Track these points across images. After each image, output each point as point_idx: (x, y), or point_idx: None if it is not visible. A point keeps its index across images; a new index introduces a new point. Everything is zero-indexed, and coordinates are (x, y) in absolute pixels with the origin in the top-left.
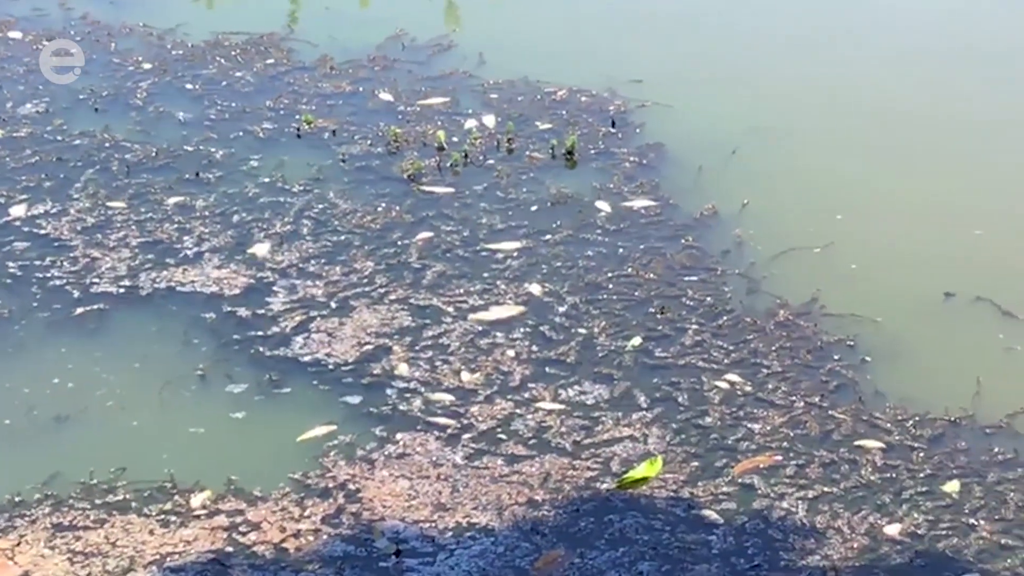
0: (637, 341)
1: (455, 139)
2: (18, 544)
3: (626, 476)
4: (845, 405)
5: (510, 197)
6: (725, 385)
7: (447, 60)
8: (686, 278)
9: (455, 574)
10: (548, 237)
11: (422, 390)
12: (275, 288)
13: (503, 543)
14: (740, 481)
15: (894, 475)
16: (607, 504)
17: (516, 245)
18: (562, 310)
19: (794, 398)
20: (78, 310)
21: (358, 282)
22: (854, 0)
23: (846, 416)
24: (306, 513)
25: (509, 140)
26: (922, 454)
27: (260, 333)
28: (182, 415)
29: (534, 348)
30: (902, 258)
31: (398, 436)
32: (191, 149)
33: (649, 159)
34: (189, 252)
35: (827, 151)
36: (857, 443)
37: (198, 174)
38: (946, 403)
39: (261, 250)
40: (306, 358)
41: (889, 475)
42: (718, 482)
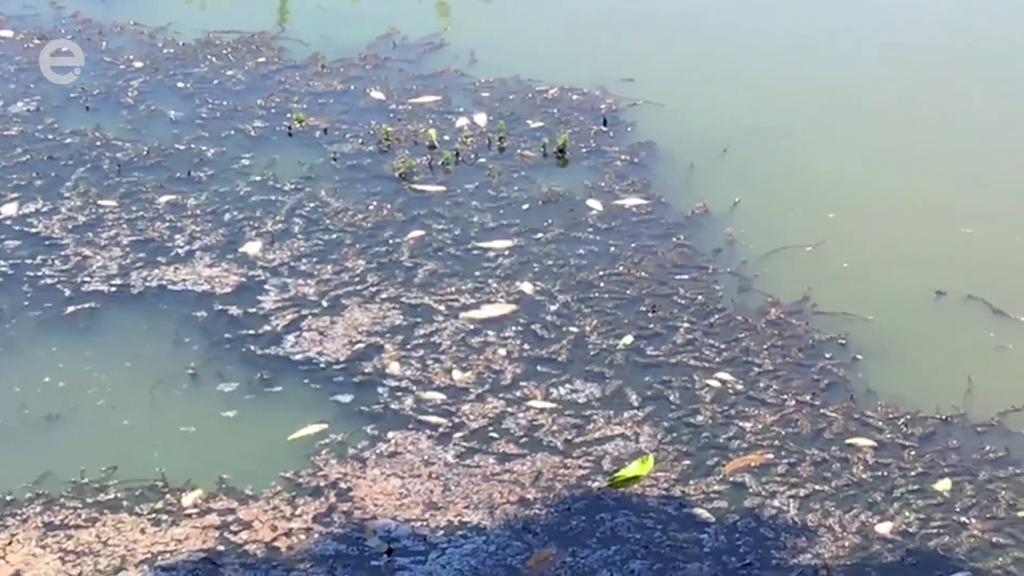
0: (629, 340)
1: (446, 137)
2: (9, 543)
3: (617, 475)
4: (836, 403)
5: (501, 195)
6: (716, 384)
7: (438, 58)
8: (677, 276)
9: (447, 573)
10: (539, 235)
11: (413, 389)
12: (266, 287)
13: (495, 542)
14: (731, 479)
15: (885, 473)
16: (599, 502)
17: (507, 243)
18: (553, 308)
19: (785, 396)
20: (69, 309)
21: (349, 281)
22: None
23: (837, 414)
24: (297, 512)
25: (500, 139)
26: (913, 452)
27: (251, 332)
28: (173, 414)
29: (525, 346)
30: (894, 257)
31: (389, 435)
32: (182, 148)
33: (640, 157)
34: (180, 251)
35: (819, 150)
36: (848, 441)
37: (189, 173)
38: (937, 401)
39: (252, 249)
40: (297, 357)
41: (880, 473)
42: (709, 480)
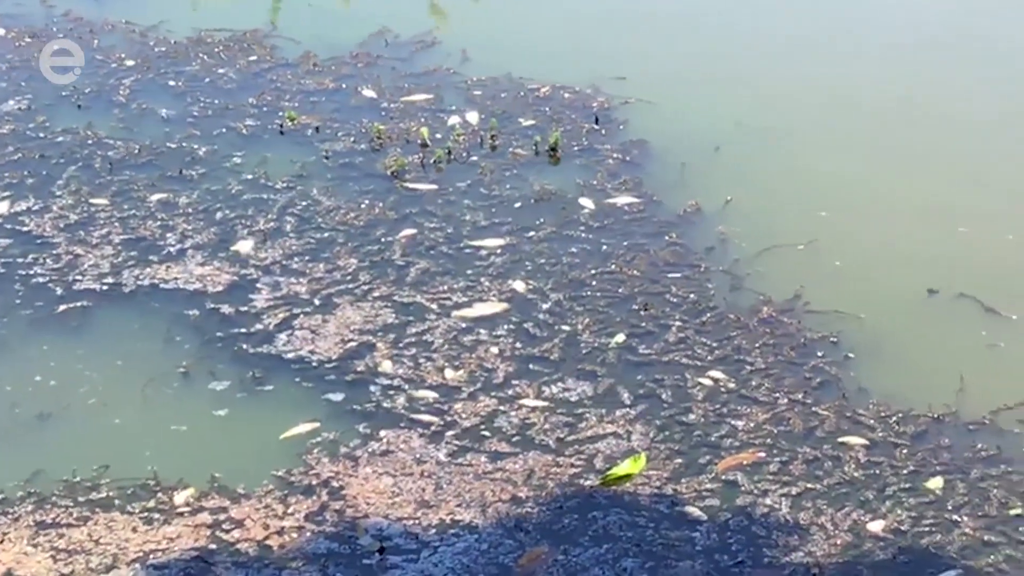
0: (621, 338)
1: (438, 136)
2: (1, 542)
3: (610, 473)
4: (828, 402)
5: (494, 194)
6: (709, 382)
7: (430, 57)
8: (670, 275)
9: (439, 571)
10: (532, 234)
11: (406, 387)
12: (258, 285)
13: (487, 540)
14: (724, 478)
15: (877, 472)
16: (591, 501)
17: (500, 242)
18: (546, 307)
19: (777, 395)
20: (61, 307)
21: (341, 279)
22: None
23: (829, 413)
24: (290, 510)
25: (492, 137)
26: (905, 451)
27: (243, 330)
28: (165, 412)
29: (518, 345)
30: (886, 255)
31: (382, 433)
32: (174, 146)
33: (632, 156)
34: (172, 249)
35: (811, 148)
36: (840, 440)
37: (181, 171)
38: (929, 400)
39: (244, 247)
40: (289, 355)
41: (872, 472)
42: (702, 479)
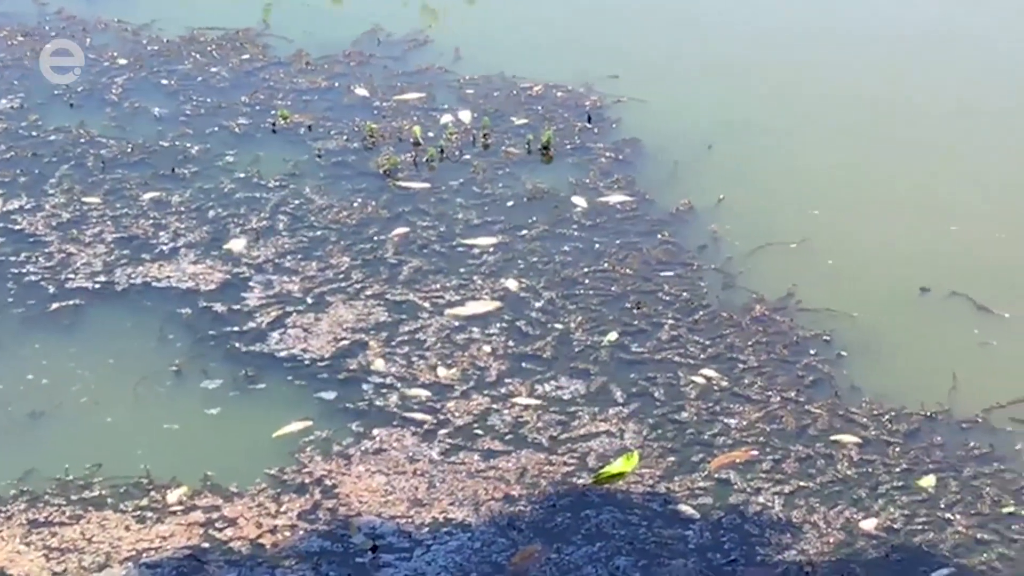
0: (613, 336)
1: (431, 134)
2: None
3: (603, 471)
4: (821, 400)
5: (486, 192)
6: (701, 380)
7: (423, 55)
8: (662, 273)
9: (432, 570)
10: (524, 232)
11: (398, 385)
12: (251, 284)
13: (480, 538)
14: (716, 476)
15: (870, 470)
16: (584, 499)
17: (492, 240)
18: (538, 305)
19: (770, 393)
20: (53, 306)
21: (334, 278)
22: None
23: (822, 411)
24: (282, 509)
25: (485, 135)
26: (898, 449)
27: (236, 329)
28: (158, 411)
29: (510, 343)
30: (878, 253)
31: (374, 432)
32: (166, 145)
33: (625, 154)
34: (165, 248)
35: (804, 146)
36: (833, 438)
37: (173, 170)
38: (922, 398)
39: (237, 245)
40: (282, 354)
41: (865, 470)
42: (694, 477)
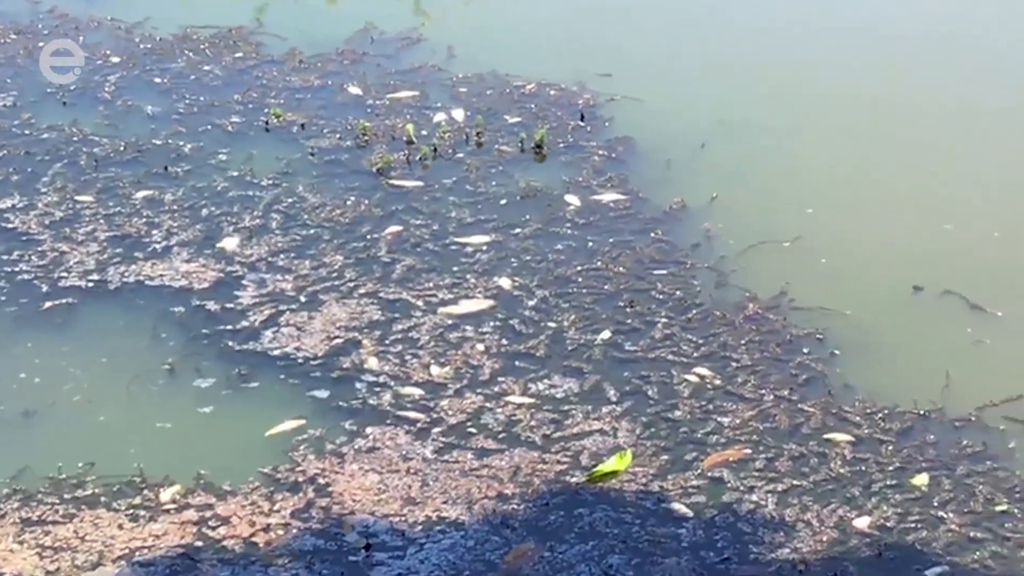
0: (607, 335)
1: (424, 133)
2: None
3: (596, 470)
4: (814, 398)
5: (479, 191)
6: (694, 379)
7: (416, 54)
8: (655, 272)
9: (425, 568)
10: (517, 231)
11: (391, 384)
12: (244, 282)
13: (473, 537)
14: (710, 474)
15: (863, 468)
16: (577, 498)
17: (485, 239)
18: (531, 304)
19: (763, 391)
20: (46, 304)
21: (327, 276)
22: None
23: (815, 409)
24: (276, 507)
25: (478, 134)
26: (891, 447)
27: (229, 327)
28: (150, 410)
29: (503, 342)
30: (872, 252)
31: (368, 430)
32: (159, 143)
33: (618, 153)
34: (158, 246)
35: (798, 145)
36: (826, 436)
37: (166, 168)
38: (915, 396)
39: (230, 244)
40: (275, 352)
41: (858, 468)
42: (688, 475)
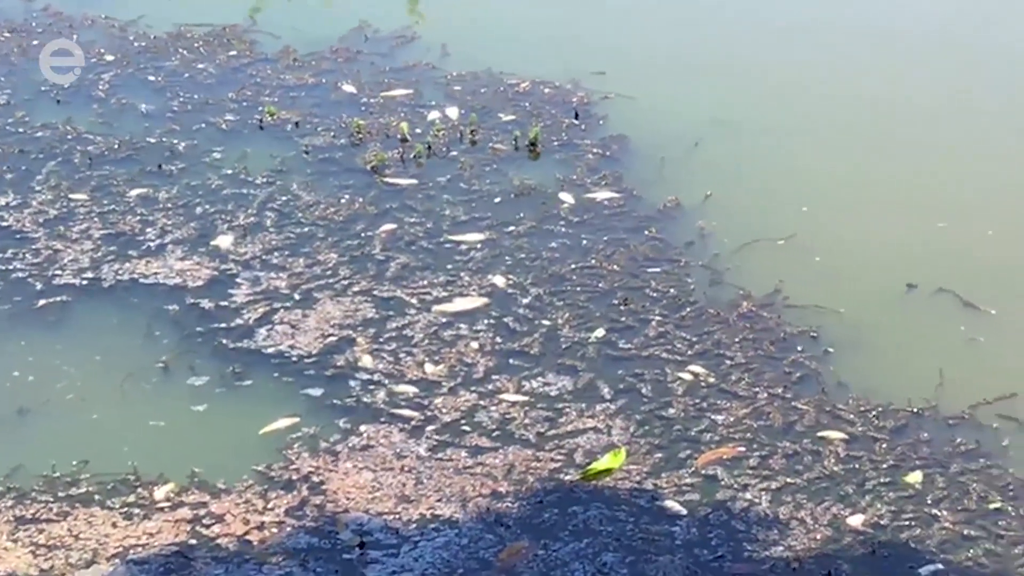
0: (601, 332)
1: (418, 131)
2: None
3: (590, 468)
4: (808, 396)
5: (473, 189)
6: (689, 376)
7: (410, 52)
8: (650, 270)
9: (419, 566)
10: (512, 229)
11: (386, 382)
12: (238, 280)
13: (467, 535)
14: (703, 472)
15: (857, 466)
16: (571, 496)
17: (480, 237)
18: (526, 302)
19: (757, 389)
20: (40, 302)
21: (321, 274)
22: None
23: (809, 407)
24: (270, 505)
25: (472, 132)
26: (885, 445)
27: (223, 325)
28: (144, 408)
29: (498, 340)
30: (865, 250)
31: (362, 428)
32: (153, 141)
33: (612, 151)
34: (152, 244)
35: (792, 143)
36: (820, 434)
37: (160, 166)
38: (909, 394)
39: (224, 242)
40: (269, 350)
41: (852, 466)
42: (681, 473)
